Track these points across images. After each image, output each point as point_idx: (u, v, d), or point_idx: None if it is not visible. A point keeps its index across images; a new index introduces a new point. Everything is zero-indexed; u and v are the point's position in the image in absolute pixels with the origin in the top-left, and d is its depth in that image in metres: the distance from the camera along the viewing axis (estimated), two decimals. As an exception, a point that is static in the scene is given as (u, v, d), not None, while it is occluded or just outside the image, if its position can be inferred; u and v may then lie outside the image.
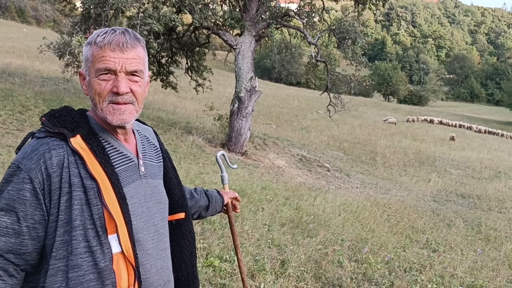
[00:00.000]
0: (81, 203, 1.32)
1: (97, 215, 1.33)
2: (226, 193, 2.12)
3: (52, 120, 1.38)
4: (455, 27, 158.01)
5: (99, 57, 1.37)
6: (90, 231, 1.32)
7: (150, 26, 10.56)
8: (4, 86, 12.52)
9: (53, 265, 1.30)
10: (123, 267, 1.38)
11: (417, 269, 5.24)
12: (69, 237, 1.30)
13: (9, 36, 33.69)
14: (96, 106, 1.40)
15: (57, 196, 1.31)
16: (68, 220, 1.30)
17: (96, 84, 1.38)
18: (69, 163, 1.33)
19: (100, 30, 1.42)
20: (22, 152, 1.34)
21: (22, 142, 1.39)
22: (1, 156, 7.53)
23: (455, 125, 39.03)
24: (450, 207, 11.17)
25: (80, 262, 1.31)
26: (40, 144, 1.33)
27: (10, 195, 1.28)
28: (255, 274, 4.26)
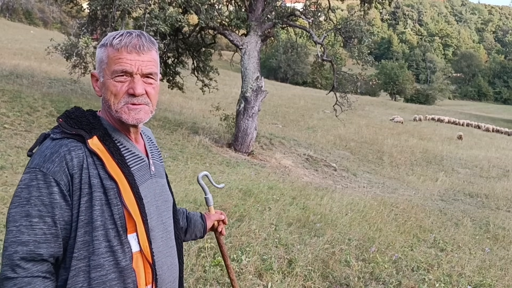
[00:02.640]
0: (101, 204, 1.34)
1: (117, 215, 1.36)
2: (210, 216, 1.98)
3: (69, 122, 1.39)
4: (462, 25, 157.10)
5: (115, 59, 1.39)
6: (111, 231, 1.35)
7: (156, 27, 10.60)
8: (12, 88, 12.61)
9: (75, 266, 1.32)
10: (141, 265, 1.42)
11: (424, 268, 5.22)
12: (89, 237, 1.33)
13: (16, 38, 33.94)
14: (111, 107, 1.42)
15: (77, 197, 1.33)
16: (89, 220, 1.33)
17: (112, 86, 1.40)
18: (88, 164, 1.35)
19: (114, 32, 1.44)
20: (40, 155, 1.33)
21: (35, 144, 1.39)
22: (9, 157, 7.59)
23: (462, 123, 38.80)
24: (458, 206, 11.11)
25: (102, 261, 1.34)
26: (59, 146, 1.34)
27: (41, 201, 1.29)
28: (263, 274, 4.27)
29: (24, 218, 1.27)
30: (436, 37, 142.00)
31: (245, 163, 11.51)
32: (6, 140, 8.66)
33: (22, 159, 7.64)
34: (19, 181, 1.33)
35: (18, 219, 1.27)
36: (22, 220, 1.27)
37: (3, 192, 5.57)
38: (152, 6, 11.15)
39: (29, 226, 1.27)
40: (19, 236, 1.26)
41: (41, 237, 1.28)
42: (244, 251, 4.66)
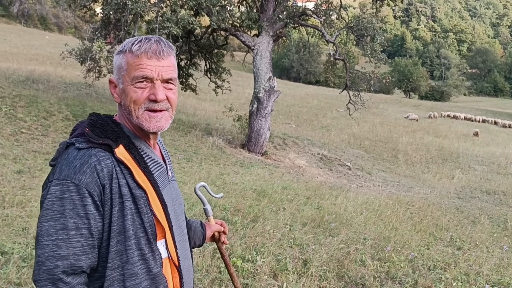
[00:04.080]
0: (132, 213, 1.35)
1: (148, 223, 1.37)
2: (210, 226, 1.94)
3: (95, 131, 1.37)
4: (477, 21, 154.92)
5: (135, 65, 1.38)
6: (142, 239, 1.36)
7: (169, 30, 10.68)
8: (28, 93, 12.81)
9: (109, 275, 1.33)
10: (169, 271, 1.45)
11: (441, 267, 5.17)
12: (122, 247, 1.34)
13: (32, 43, 34.47)
14: (131, 114, 1.41)
15: (108, 207, 1.33)
16: (121, 230, 1.33)
17: (132, 92, 1.40)
18: (117, 173, 1.34)
19: (132, 38, 1.44)
20: (68, 166, 1.31)
21: (58, 154, 1.37)
22: (27, 161, 7.71)
23: (478, 120, 38.28)
24: (475, 203, 10.98)
25: (136, 270, 1.35)
26: (88, 156, 1.32)
27: (76, 213, 1.28)
28: (278, 274, 4.28)
29: (60, 231, 1.26)
30: (450, 33, 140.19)
31: (259, 164, 11.53)
32: (23, 145, 8.80)
33: (40, 163, 7.75)
34: (45, 193, 1.33)
35: (53, 233, 1.26)
36: (58, 234, 1.26)
37: (21, 196, 5.66)
38: (164, 9, 11.23)
39: (66, 240, 1.26)
40: (57, 250, 1.25)
41: (79, 250, 1.28)
42: (259, 251, 4.68)
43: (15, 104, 11.25)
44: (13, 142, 8.83)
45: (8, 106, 10.94)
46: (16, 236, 4.42)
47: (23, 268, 3.74)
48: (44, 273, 1.24)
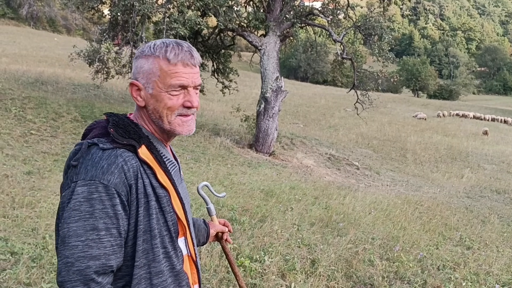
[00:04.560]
0: (156, 212, 1.38)
1: (171, 222, 1.41)
2: (213, 226, 1.96)
3: (119, 131, 1.38)
4: (485, 19, 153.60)
5: (171, 73, 1.40)
6: (166, 237, 1.39)
7: (176, 31, 10.70)
8: (37, 94, 12.91)
9: (137, 274, 1.35)
10: (188, 267, 1.50)
11: (450, 267, 5.14)
12: (148, 245, 1.36)
13: (41, 45, 34.74)
14: (162, 119, 1.43)
15: (134, 207, 1.34)
16: (146, 229, 1.36)
17: (167, 99, 1.41)
18: (141, 173, 1.36)
19: (161, 43, 1.43)
20: (95, 166, 1.31)
21: (80, 154, 1.35)
22: (36, 162, 7.77)
23: (488, 118, 37.97)
24: (485, 203, 10.90)
25: (162, 268, 1.39)
26: (115, 157, 1.32)
27: (105, 213, 1.28)
28: (286, 274, 4.27)
29: (90, 232, 1.26)
30: (459, 31, 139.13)
31: (267, 164, 11.52)
32: (33, 146, 8.87)
33: (49, 164, 7.81)
34: (67, 194, 1.32)
35: (83, 233, 1.26)
36: (88, 234, 1.26)
37: (31, 197, 5.71)
38: (171, 10, 11.27)
39: (97, 240, 1.26)
40: (88, 250, 1.25)
41: (109, 250, 1.28)
42: (267, 251, 4.68)
43: (24, 105, 11.34)
44: (22, 144, 8.90)
45: (18, 107, 11.04)
46: (25, 237, 4.45)
47: (32, 268, 3.77)
48: (74, 274, 1.24)
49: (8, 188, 5.97)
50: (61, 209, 1.33)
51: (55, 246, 1.40)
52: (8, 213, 5.03)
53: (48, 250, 4.15)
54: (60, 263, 1.26)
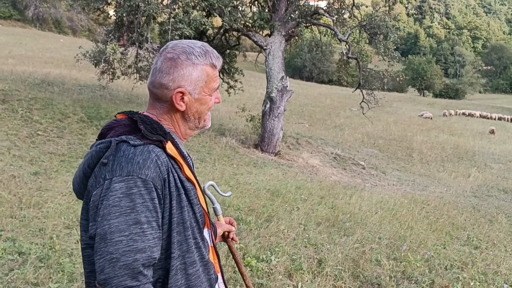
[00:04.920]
0: (186, 204, 1.43)
1: (199, 213, 1.48)
2: (220, 225, 1.97)
3: (148, 128, 1.42)
4: (492, 17, 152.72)
5: (213, 77, 1.51)
6: (195, 229, 1.46)
7: (181, 31, 10.72)
8: (44, 95, 12.98)
9: (174, 265, 1.39)
10: (212, 257, 1.56)
11: (458, 267, 5.11)
12: (182, 237, 1.41)
13: (47, 47, 34.92)
14: (201, 119, 1.55)
15: (168, 200, 1.38)
16: (179, 221, 1.41)
17: (210, 101, 1.54)
18: (170, 168, 1.41)
19: (201, 50, 1.49)
20: (130, 162, 1.33)
21: (110, 152, 1.36)
22: (43, 163, 7.81)
23: (494, 117, 37.76)
24: (492, 202, 10.84)
25: (195, 258, 1.44)
26: (148, 152, 1.36)
27: (146, 207, 1.31)
28: (292, 274, 4.26)
29: (133, 226, 1.28)
30: (465, 30, 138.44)
31: (272, 164, 11.51)
32: (39, 147, 8.91)
33: (55, 164, 7.84)
34: (100, 192, 1.33)
35: (126, 228, 1.27)
36: (131, 228, 1.27)
37: (38, 197, 5.73)
38: (176, 10, 11.28)
39: (141, 233, 1.28)
40: (133, 244, 1.27)
41: (152, 242, 1.31)
42: (273, 251, 4.67)
43: (31, 106, 11.40)
44: (29, 144, 8.95)
45: (24, 108, 11.10)
46: (33, 237, 4.47)
47: (40, 268, 3.78)
48: (121, 269, 1.25)
49: (16, 188, 6.00)
50: (93, 208, 1.34)
51: (82, 246, 1.42)
52: (16, 214, 5.05)
53: (55, 250, 4.16)
54: (101, 261, 1.26)
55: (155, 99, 1.51)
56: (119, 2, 11.47)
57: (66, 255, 4.10)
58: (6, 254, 4.00)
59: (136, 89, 16.01)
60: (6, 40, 34.44)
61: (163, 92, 1.47)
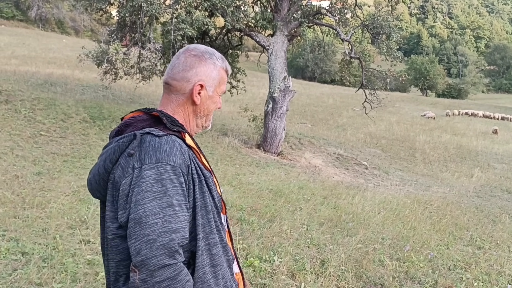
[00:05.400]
0: (206, 190, 1.53)
1: (217, 199, 1.58)
2: None
3: (169, 120, 1.53)
4: (494, 17, 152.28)
5: (225, 81, 1.70)
6: (215, 213, 1.55)
7: (184, 31, 10.72)
8: (47, 96, 13.00)
9: (200, 246, 1.48)
10: (228, 241, 1.65)
11: (462, 267, 5.10)
12: (205, 220, 1.51)
13: (50, 47, 34.99)
14: (207, 117, 1.69)
15: (192, 185, 1.48)
16: (202, 205, 1.50)
17: (218, 101, 1.70)
18: (191, 155, 1.52)
19: (221, 57, 1.68)
20: (158, 150, 1.42)
21: (137, 143, 1.45)
22: (46, 163, 7.82)
23: (498, 117, 37.67)
24: (495, 202, 10.80)
25: (217, 239, 1.54)
26: (172, 141, 1.46)
27: (175, 191, 1.40)
28: (295, 274, 4.26)
29: (166, 208, 1.36)
30: (467, 29, 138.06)
31: (275, 164, 11.51)
32: (42, 147, 8.93)
33: (58, 164, 7.86)
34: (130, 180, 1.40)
35: (160, 211, 1.35)
36: (165, 211, 1.36)
37: (41, 197, 5.74)
38: (179, 10, 11.28)
39: (174, 215, 1.37)
40: (168, 225, 1.35)
41: (184, 223, 1.40)
42: (276, 251, 4.67)
43: (34, 107, 11.43)
44: (32, 144, 8.97)
45: (27, 109, 11.12)
46: (36, 237, 4.48)
47: (43, 268, 3.79)
48: (158, 249, 1.32)
49: (19, 188, 6.01)
50: (122, 197, 1.42)
51: (109, 237, 1.47)
52: (19, 214, 5.06)
53: (58, 250, 4.17)
54: (137, 244, 1.33)
55: (171, 91, 1.61)
56: (122, 2, 11.48)
57: (69, 255, 4.10)
58: (10, 254, 4.01)
59: (139, 89, 16.04)
60: (9, 40, 34.53)
61: (182, 85, 1.60)
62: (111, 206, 1.46)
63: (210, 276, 1.49)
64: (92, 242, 4.48)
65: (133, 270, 1.34)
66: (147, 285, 1.31)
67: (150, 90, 20.14)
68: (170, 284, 1.32)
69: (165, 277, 1.32)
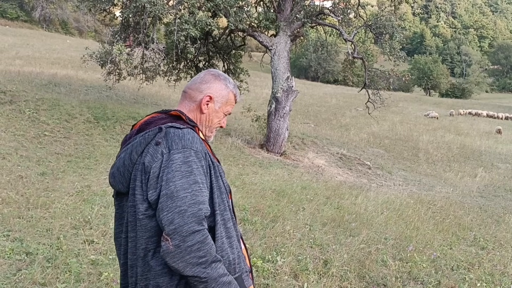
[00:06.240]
0: (219, 175, 1.80)
1: (226, 183, 1.85)
2: None
3: (188, 117, 1.83)
4: (498, 16, 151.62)
5: (232, 103, 1.98)
6: (225, 195, 1.80)
7: (187, 32, 10.74)
8: (51, 96, 13.05)
9: (218, 220, 1.72)
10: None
11: (465, 267, 5.10)
12: (219, 199, 1.75)
13: (54, 47, 35.07)
14: (210, 127, 1.96)
15: (208, 169, 1.74)
16: (217, 186, 1.75)
17: (222, 117, 1.97)
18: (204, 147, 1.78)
19: (235, 84, 2.01)
20: (183, 138, 1.69)
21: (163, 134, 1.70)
22: (50, 163, 7.86)
23: (501, 117, 37.54)
24: (499, 202, 10.78)
25: (229, 215, 1.80)
26: (192, 132, 1.75)
27: (199, 172, 1.66)
28: (298, 274, 4.27)
29: (193, 185, 1.61)
30: (471, 29, 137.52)
31: (278, 164, 11.51)
32: (46, 147, 8.97)
33: (62, 165, 7.89)
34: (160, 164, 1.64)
35: (188, 187, 1.60)
36: (192, 187, 1.60)
37: (45, 197, 5.77)
38: (182, 11, 11.31)
39: (199, 190, 1.62)
40: (195, 198, 1.60)
41: (207, 198, 1.65)
42: (279, 251, 4.68)
43: (38, 107, 11.47)
44: (36, 145, 9.01)
45: (32, 109, 11.17)
46: (40, 237, 4.50)
47: (47, 268, 3.81)
48: (189, 217, 1.56)
49: (23, 189, 6.04)
50: (153, 178, 1.64)
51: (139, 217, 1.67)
52: (23, 214, 5.09)
53: (62, 250, 4.19)
54: (170, 215, 1.56)
55: (186, 98, 1.92)
56: (125, 3, 11.52)
57: (73, 255, 4.12)
58: (14, 254, 4.03)
59: (142, 89, 16.08)
60: (13, 41, 34.65)
61: (195, 94, 1.91)
62: (140, 190, 1.67)
63: (227, 246, 1.73)
64: (96, 242, 4.50)
65: (165, 239, 1.55)
66: (180, 250, 1.53)
67: (153, 90, 20.18)
68: (200, 247, 1.56)
69: (195, 241, 1.55)
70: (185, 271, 1.55)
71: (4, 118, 10.21)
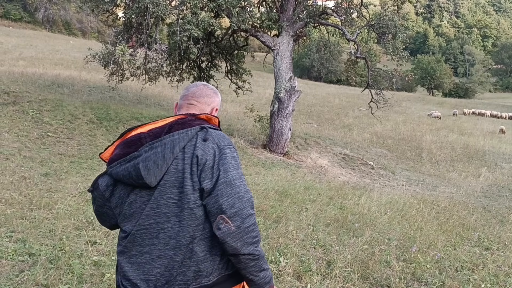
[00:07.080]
0: None
1: None
2: None
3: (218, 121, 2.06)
4: (502, 15, 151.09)
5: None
6: None
7: (190, 32, 10.74)
8: (54, 97, 13.07)
9: None
10: None
11: (469, 268, 5.07)
12: None
13: (57, 48, 35.17)
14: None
15: None
16: None
17: None
18: None
19: None
20: (224, 138, 1.92)
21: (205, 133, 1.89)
22: (53, 164, 7.87)
23: (505, 117, 37.40)
24: (503, 202, 10.73)
25: None
26: (223, 133, 1.96)
27: (240, 166, 1.90)
28: (301, 275, 4.25)
29: (241, 176, 1.85)
30: (474, 28, 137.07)
31: (281, 164, 11.50)
32: (50, 148, 8.98)
33: (65, 165, 7.90)
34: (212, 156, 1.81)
35: (239, 177, 1.83)
36: (242, 178, 1.85)
37: (48, 198, 5.77)
38: (184, 11, 11.30)
39: (245, 181, 1.86)
40: (246, 187, 1.84)
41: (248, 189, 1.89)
42: (282, 252, 4.66)
43: (41, 108, 11.49)
44: (39, 145, 9.02)
45: (35, 110, 11.19)
46: (43, 238, 4.50)
47: (50, 269, 3.81)
48: (246, 202, 1.79)
49: (26, 189, 6.05)
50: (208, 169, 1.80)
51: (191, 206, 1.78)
52: (26, 215, 5.09)
53: (65, 251, 4.19)
54: (230, 199, 1.76)
55: (195, 109, 2.07)
56: (128, 4, 11.53)
57: (75, 256, 4.12)
58: (17, 255, 4.03)
59: (145, 90, 16.09)
60: (17, 42, 34.76)
61: (204, 106, 2.11)
62: (190, 181, 1.80)
63: None
64: (99, 243, 4.50)
65: (226, 221, 1.74)
66: (240, 230, 1.74)
67: (156, 91, 20.20)
68: (254, 228, 1.79)
69: (251, 223, 1.78)
70: (242, 250, 1.76)
71: (7, 119, 10.24)
